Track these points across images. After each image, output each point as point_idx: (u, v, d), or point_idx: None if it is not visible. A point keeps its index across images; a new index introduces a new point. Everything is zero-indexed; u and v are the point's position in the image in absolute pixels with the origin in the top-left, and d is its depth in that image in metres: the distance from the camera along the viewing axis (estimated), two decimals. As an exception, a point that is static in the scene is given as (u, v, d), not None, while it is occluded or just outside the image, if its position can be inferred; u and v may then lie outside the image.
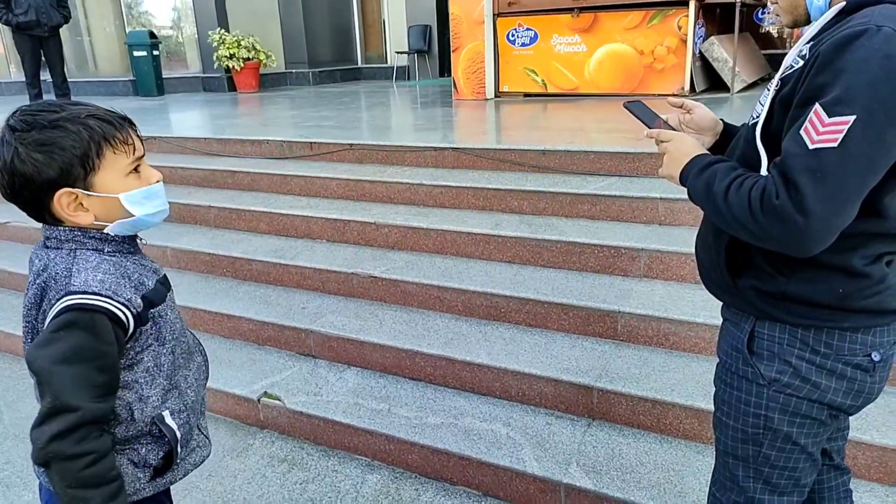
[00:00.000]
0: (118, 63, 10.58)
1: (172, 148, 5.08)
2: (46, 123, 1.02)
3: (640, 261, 2.91)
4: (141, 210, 1.12)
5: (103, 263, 1.07)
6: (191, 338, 1.30)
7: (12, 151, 1.00)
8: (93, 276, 1.03)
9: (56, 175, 1.02)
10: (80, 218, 1.07)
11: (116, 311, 1.03)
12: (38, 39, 6.83)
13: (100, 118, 1.06)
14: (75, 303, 1.00)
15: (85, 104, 1.09)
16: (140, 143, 1.14)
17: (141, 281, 1.11)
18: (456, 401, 2.57)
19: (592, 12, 6.44)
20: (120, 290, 1.05)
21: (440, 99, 7.62)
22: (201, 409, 1.32)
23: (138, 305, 1.07)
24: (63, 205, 1.04)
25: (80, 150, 1.03)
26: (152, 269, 1.19)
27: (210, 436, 1.38)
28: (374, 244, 3.52)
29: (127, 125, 1.11)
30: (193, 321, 3.29)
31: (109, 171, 1.07)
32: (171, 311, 1.19)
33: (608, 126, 4.64)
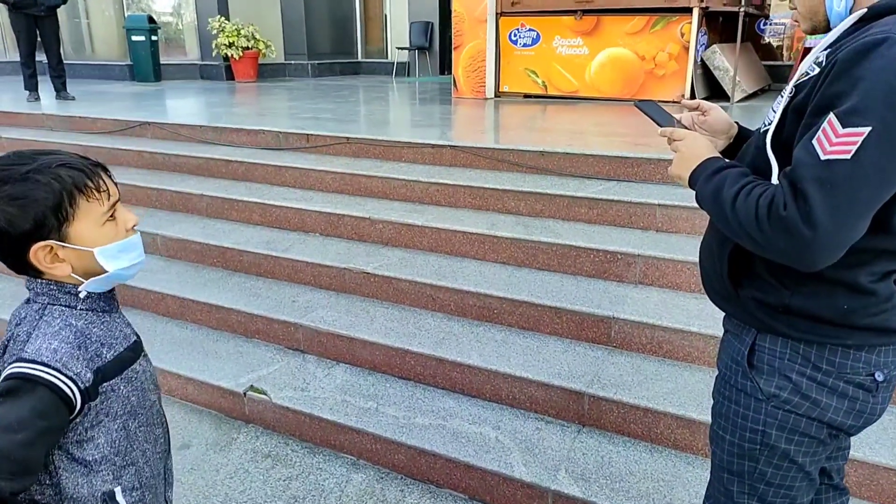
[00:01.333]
0: (116, 47, 10.47)
1: (167, 134, 5.01)
2: (18, 177, 1.00)
3: (635, 267, 2.88)
4: (115, 265, 1.09)
5: (65, 329, 1.04)
6: (155, 409, 1.23)
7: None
8: (48, 344, 1.01)
9: (30, 227, 1.01)
10: (57, 270, 1.05)
11: (61, 384, 0.99)
12: (35, 19, 6.72)
13: (71, 167, 1.04)
14: (21, 372, 0.98)
15: (57, 153, 1.07)
16: (114, 188, 1.11)
17: (99, 352, 1.08)
18: (445, 402, 2.54)
19: (596, 15, 6.41)
20: (70, 364, 1.02)
21: (439, 96, 7.58)
22: (167, 481, 1.28)
23: (87, 381, 1.04)
24: (39, 258, 1.03)
25: (53, 200, 1.01)
26: (121, 335, 1.15)
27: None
28: (368, 239, 3.47)
29: (100, 171, 1.09)
30: (182, 311, 3.24)
31: (84, 221, 1.05)
32: (127, 384, 1.13)
33: (607, 130, 4.62)
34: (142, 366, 1.19)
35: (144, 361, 1.21)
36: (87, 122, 5.46)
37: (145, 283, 3.35)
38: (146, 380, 1.20)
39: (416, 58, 11.56)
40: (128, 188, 4.27)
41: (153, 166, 4.63)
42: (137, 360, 1.17)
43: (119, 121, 5.30)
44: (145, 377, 1.20)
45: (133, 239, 1.13)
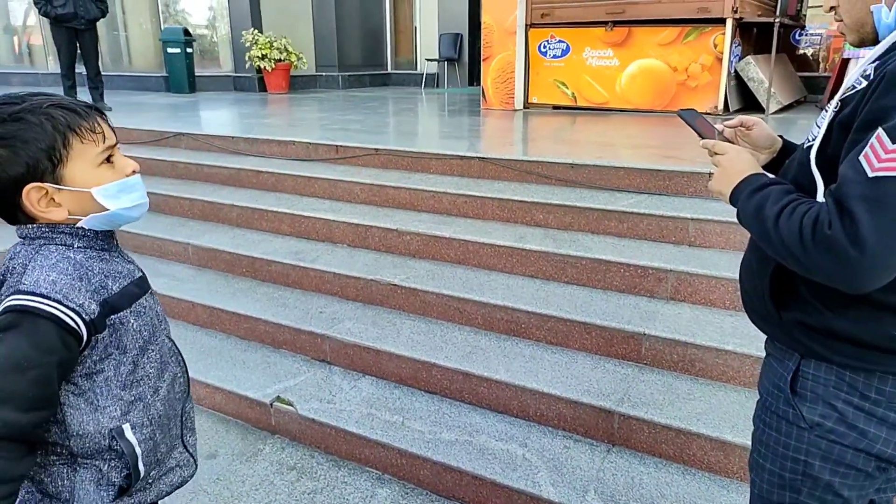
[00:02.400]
0: (152, 59, 10.73)
1: (200, 145, 5.10)
2: (6, 117, 0.96)
3: (667, 282, 2.82)
4: (116, 204, 1.05)
5: (62, 262, 1.00)
6: (167, 347, 1.20)
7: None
8: (45, 276, 0.97)
9: (23, 170, 0.97)
10: (52, 214, 1.01)
11: (63, 316, 0.95)
12: (75, 32, 6.93)
13: (64, 107, 1.01)
14: (19, 304, 0.94)
15: (48, 94, 1.03)
16: (111, 132, 1.07)
17: (103, 284, 1.03)
18: (472, 417, 2.50)
19: (627, 27, 6.36)
20: (72, 294, 0.97)
21: (468, 108, 7.58)
22: (184, 424, 1.23)
23: (92, 312, 0.99)
24: (33, 201, 0.99)
25: (45, 141, 0.97)
26: (125, 271, 1.11)
27: (196, 454, 1.29)
28: (396, 251, 3.47)
29: (94, 113, 1.05)
30: (211, 320, 3.27)
31: (79, 162, 1.01)
32: (137, 318, 1.09)
33: (638, 142, 4.56)
34: (149, 302, 1.14)
35: (151, 299, 1.16)
36: (124, 132, 5.58)
37: (176, 292, 3.39)
38: (155, 316, 1.16)
39: (445, 69, 11.62)
40: (162, 198, 4.35)
41: (186, 176, 4.71)
42: (144, 296, 1.12)
43: (154, 132, 5.41)
44: (154, 314, 1.15)
45: (132, 179, 1.09)
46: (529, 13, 6.85)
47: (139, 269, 1.16)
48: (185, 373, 1.25)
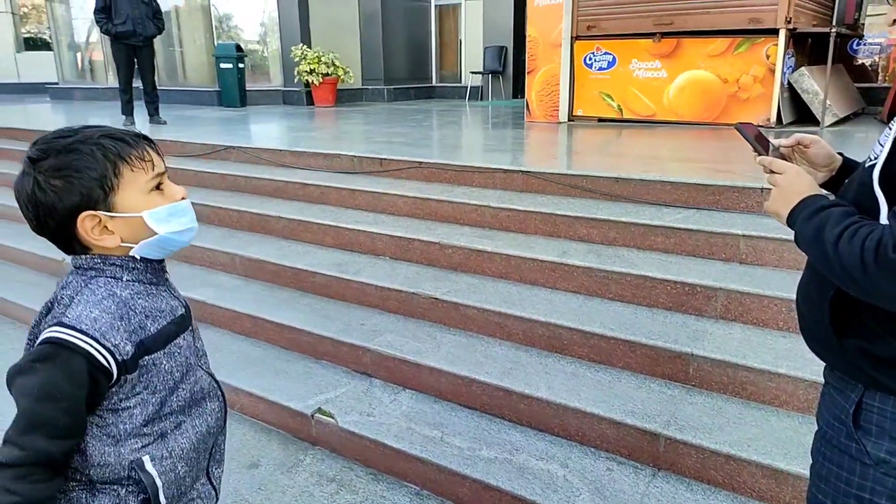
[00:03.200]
0: (206, 74, 11.08)
1: (249, 158, 5.22)
2: (61, 149, 1.00)
3: (716, 301, 2.73)
4: (166, 228, 1.08)
5: (107, 299, 1.02)
6: (205, 382, 1.21)
7: (32, 182, 1.00)
8: (88, 312, 0.99)
9: (77, 199, 1.00)
10: (106, 241, 1.04)
11: (98, 355, 0.98)
12: (133, 48, 7.22)
13: (114, 137, 1.04)
14: (59, 337, 0.97)
15: (99, 126, 1.07)
16: (160, 160, 1.11)
17: (142, 324, 1.05)
18: (511, 435, 2.46)
19: (675, 38, 6.25)
20: (109, 334, 0.99)
21: (512, 120, 7.57)
22: (213, 457, 1.24)
23: (126, 353, 1.01)
24: (87, 229, 1.02)
25: (97, 171, 1.01)
26: (168, 307, 1.13)
27: (220, 485, 1.28)
28: (437, 264, 3.47)
29: (143, 142, 1.08)
30: (255, 330, 3.32)
31: (130, 190, 1.04)
32: (169, 359, 1.10)
33: (686, 155, 4.45)
34: (186, 340, 1.15)
35: (190, 336, 1.18)
36: (177, 145, 5.77)
37: (223, 302, 3.46)
38: (191, 354, 1.16)
39: (489, 82, 11.64)
40: (212, 209, 4.46)
41: (235, 188, 4.82)
42: (182, 335, 1.14)
43: (206, 145, 5.57)
44: (189, 352, 1.16)
45: (182, 204, 1.12)
46: (575, 25, 6.81)
47: (183, 305, 1.18)
48: (223, 408, 1.26)
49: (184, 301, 1.20)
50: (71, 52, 13.30)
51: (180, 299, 1.19)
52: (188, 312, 1.19)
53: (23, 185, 1.01)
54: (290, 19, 10.63)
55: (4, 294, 4.12)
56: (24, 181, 1.01)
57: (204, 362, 1.24)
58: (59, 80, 13.47)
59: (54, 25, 13.36)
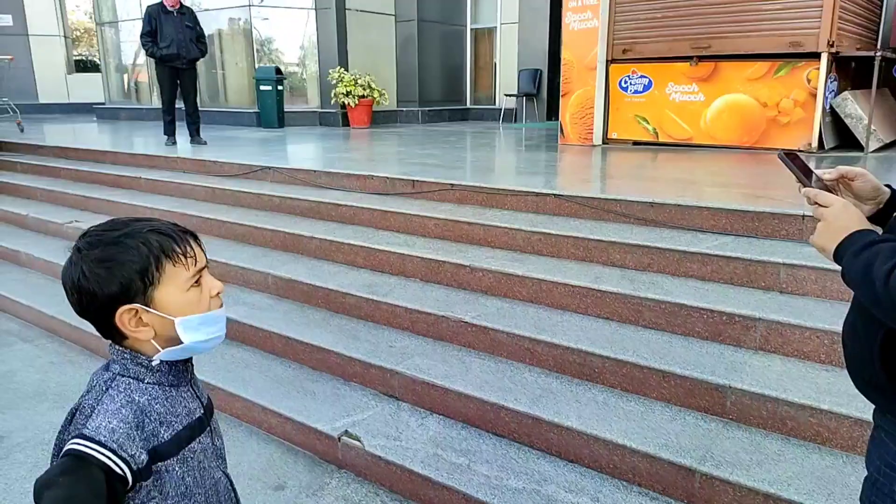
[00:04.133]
0: (246, 96, 11.37)
1: (284, 178, 5.31)
2: (109, 241, 1.05)
3: (755, 331, 2.65)
4: (193, 337, 1.10)
5: (125, 408, 1.05)
6: (222, 485, 1.21)
7: (78, 271, 1.04)
8: (106, 423, 1.03)
9: (117, 290, 1.04)
10: (141, 334, 1.07)
11: (115, 467, 1.01)
12: (177, 70, 7.45)
13: (160, 233, 1.08)
14: (79, 450, 1.00)
15: (150, 220, 1.10)
16: (202, 255, 1.13)
17: (156, 431, 1.08)
18: (540, 464, 2.41)
19: (713, 61, 6.18)
20: (127, 445, 1.02)
21: (545, 143, 7.55)
22: None
23: (141, 462, 1.04)
24: (125, 321, 1.05)
25: (140, 264, 1.04)
26: (186, 410, 1.15)
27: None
28: (467, 287, 3.44)
29: (189, 238, 1.11)
30: (286, 349, 3.34)
31: (170, 286, 1.07)
32: (182, 464, 1.12)
33: (723, 180, 4.37)
34: (201, 444, 1.16)
35: (207, 438, 1.19)
36: (216, 165, 5.90)
37: (255, 321, 3.49)
38: (205, 458, 1.17)
39: (523, 104, 11.67)
40: (247, 228, 4.53)
41: (270, 208, 4.90)
42: (196, 439, 1.15)
43: (243, 165, 5.68)
44: (204, 455, 1.17)
45: (216, 313, 1.14)
46: (610, 49, 6.79)
47: (202, 408, 1.19)
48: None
49: (206, 400, 1.22)
50: (118, 74, 13.80)
51: (201, 399, 1.20)
52: (207, 414, 1.20)
53: (70, 272, 1.05)
54: (328, 43, 10.87)
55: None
56: (71, 269, 1.05)
57: (222, 463, 1.24)
58: (106, 100, 13.98)
59: (103, 48, 13.91)
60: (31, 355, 3.86)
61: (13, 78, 12.19)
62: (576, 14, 6.89)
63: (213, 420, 1.23)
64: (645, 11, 6.54)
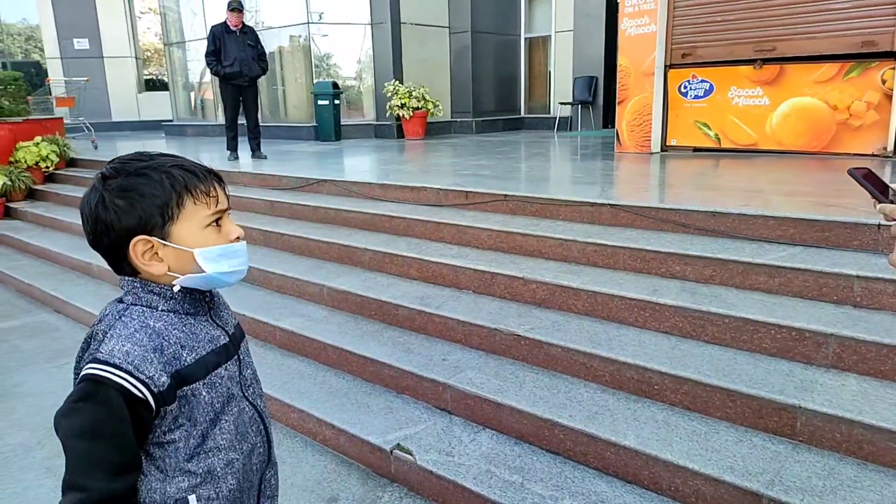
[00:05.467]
0: (304, 110, 11.66)
1: (340, 190, 5.39)
2: (132, 171, 1.03)
3: (827, 347, 2.49)
4: (214, 267, 1.07)
5: (139, 332, 1.02)
6: (247, 416, 1.18)
7: (98, 197, 1.02)
8: (120, 346, 1.00)
9: (135, 222, 1.02)
10: (153, 268, 1.05)
11: (132, 388, 0.98)
12: (240, 88, 7.71)
13: (184, 168, 1.06)
14: (94, 373, 0.97)
15: (175, 156, 1.08)
16: (224, 198, 1.11)
17: (177, 354, 1.04)
18: (596, 484, 2.33)
19: (778, 64, 5.94)
20: (143, 366, 0.99)
21: (601, 151, 7.42)
22: (262, 493, 1.21)
23: (162, 384, 1.00)
24: (138, 253, 1.03)
25: (161, 198, 1.02)
26: (209, 337, 1.11)
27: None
28: (521, 299, 3.39)
29: (212, 177, 1.09)
30: (339, 361, 3.37)
31: (188, 222, 1.05)
32: (210, 389, 1.08)
33: (791, 188, 4.17)
34: (228, 370, 1.13)
35: (234, 366, 1.15)
36: (275, 179, 6.06)
37: (310, 332, 3.54)
38: (233, 385, 1.14)
39: (578, 112, 11.52)
40: (303, 241, 4.62)
41: (326, 220, 4.98)
42: (224, 364, 1.12)
43: (301, 178, 5.81)
44: (232, 382, 1.14)
45: (236, 245, 1.11)
46: (669, 54, 6.63)
47: (226, 335, 1.16)
48: (265, 442, 1.23)
49: (231, 329, 1.19)
50: (185, 92, 14.42)
51: (225, 328, 1.17)
52: (233, 341, 1.17)
53: (89, 199, 1.04)
54: (384, 57, 11.04)
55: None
56: (90, 195, 1.04)
57: (251, 393, 1.21)
58: (173, 117, 14.61)
59: (171, 68, 14.56)
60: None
61: (89, 98, 12.91)
62: (632, 19, 6.75)
63: (241, 350, 1.19)
64: (705, 15, 6.35)
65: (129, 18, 17.35)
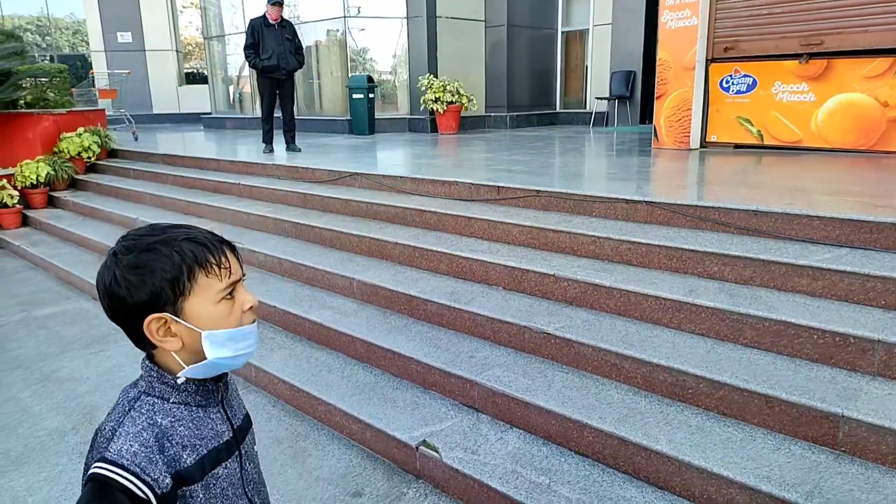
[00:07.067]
0: (339, 104, 11.71)
1: (371, 184, 5.39)
2: (143, 247, 1.02)
3: (873, 354, 2.38)
4: (218, 353, 1.05)
5: (146, 430, 1.02)
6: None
7: (111, 275, 1.02)
8: (128, 446, 1.00)
9: (146, 298, 1.01)
10: (168, 344, 1.04)
11: (137, 491, 0.97)
12: (277, 81, 7.77)
13: (196, 241, 1.04)
14: (101, 474, 0.98)
15: (188, 227, 1.07)
16: (237, 267, 1.09)
17: (178, 455, 1.04)
18: (626, 489, 2.27)
19: (825, 59, 5.72)
20: (149, 468, 0.99)
21: (638, 147, 7.27)
22: None
23: (165, 486, 1.00)
24: (152, 330, 1.03)
25: (171, 273, 1.01)
26: (212, 433, 1.10)
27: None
28: (551, 297, 3.33)
29: (224, 248, 1.07)
30: (368, 355, 3.36)
31: (201, 297, 1.04)
32: (205, 490, 1.07)
33: (837, 187, 4.00)
34: (227, 469, 1.11)
35: (234, 463, 1.14)
36: (308, 172, 6.09)
37: (339, 325, 3.54)
38: (229, 486, 1.12)
39: (615, 107, 11.32)
40: (334, 234, 4.63)
41: (357, 214, 4.98)
42: (223, 463, 1.10)
43: (333, 171, 5.83)
44: (229, 483, 1.12)
45: (245, 329, 1.09)
46: (711, 48, 6.45)
47: (230, 430, 1.14)
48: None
49: (238, 422, 1.17)
50: (223, 86, 14.63)
51: (233, 421, 1.16)
52: (238, 435, 1.16)
53: (103, 276, 1.04)
54: (419, 51, 11.01)
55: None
56: (104, 272, 1.04)
57: (251, 489, 1.19)
58: (212, 110, 14.85)
59: (210, 62, 14.79)
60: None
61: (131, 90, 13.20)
62: (673, 12, 6.58)
63: (245, 444, 1.18)
64: (749, 7, 6.15)
65: (170, 13, 17.68)
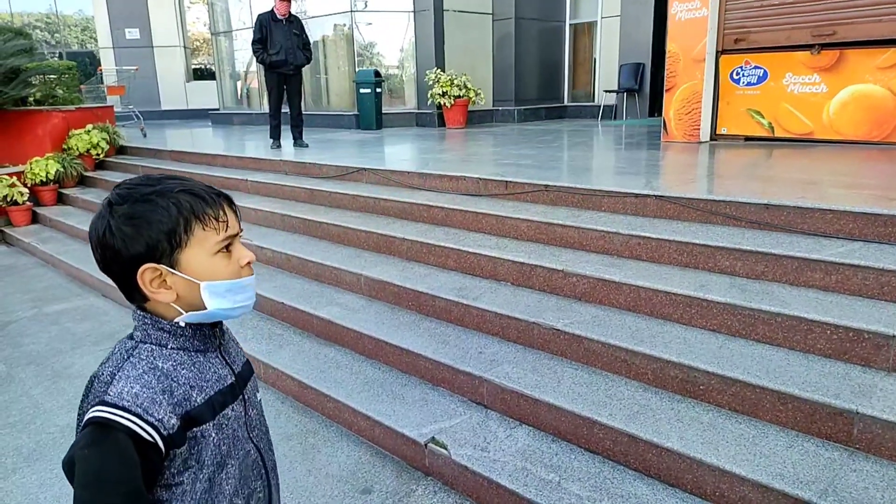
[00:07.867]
0: (346, 99, 11.68)
1: (379, 179, 5.37)
2: (139, 197, 1.00)
3: (888, 350, 2.35)
4: (217, 303, 1.04)
5: (147, 374, 0.99)
6: (250, 459, 1.15)
7: (105, 225, 1.00)
8: (129, 388, 0.97)
9: (142, 249, 0.99)
10: (161, 296, 1.02)
11: (141, 431, 0.94)
12: (284, 76, 7.76)
13: (193, 193, 1.02)
14: (101, 416, 0.94)
15: (183, 179, 1.05)
16: (235, 222, 1.07)
17: (187, 395, 1.01)
18: (636, 486, 2.25)
19: (837, 49, 5.64)
20: (152, 409, 0.96)
21: (647, 140, 7.21)
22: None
23: (171, 427, 0.97)
24: (146, 280, 1.01)
25: (168, 224, 0.99)
26: (216, 376, 1.08)
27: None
28: (560, 293, 3.31)
29: (222, 201, 1.06)
30: (376, 351, 3.35)
31: (197, 249, 1.01)
32: (218, 431, 1.04)
33: (849, 180, 3.95)
34: (235, 411, 1.10)
35: (240, 406, 1.12)
36: (315, 167, 6.08)
37: (347, 322, 3.53)
38: (239, 426, 1.11)
39: (623, 100, 11.25)
40: (341, 229, 4.62)
41: (364, 209, 4.97)
42: (231, 405, 1.09)
43: (340, 167, 5.81)
44: (238, 424, 1.11)
45: (244, 280, 1.07)
46: (721, 39, 6.38)
47: (232, 374, 1.12)
48: (265, 487, 1.19)
49: (238, 368, 1.16)
50: (231, 81, 14.64)
51: (233, 366, 1.14)
52: (240, 380, 1.14)
53: (96, 225, 1.02)
54: (426, 45, 10.96)
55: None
56: (98, 222, 1.02)
57: (256, 434, 1.18)
58: (219, 106, 14.86)
59: (218, 58, 14.79)
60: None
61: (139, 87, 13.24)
62: (683, 4, 6.51)
63: (248, 389, 1.17)
64: (760, -3, 6.08)
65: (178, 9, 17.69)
